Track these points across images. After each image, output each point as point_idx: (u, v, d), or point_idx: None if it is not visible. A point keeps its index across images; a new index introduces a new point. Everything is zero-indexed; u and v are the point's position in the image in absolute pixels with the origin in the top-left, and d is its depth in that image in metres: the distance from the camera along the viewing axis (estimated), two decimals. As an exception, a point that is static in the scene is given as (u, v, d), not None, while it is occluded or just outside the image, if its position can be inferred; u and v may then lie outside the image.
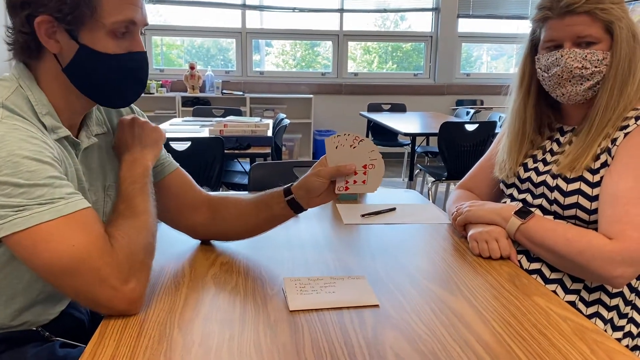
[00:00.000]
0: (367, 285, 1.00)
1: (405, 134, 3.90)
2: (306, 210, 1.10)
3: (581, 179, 1.19)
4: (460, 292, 0.99)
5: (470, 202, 1.32)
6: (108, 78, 0.93)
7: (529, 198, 1.30)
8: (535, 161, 1.32)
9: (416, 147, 4.05)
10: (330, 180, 1.05)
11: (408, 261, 1.14)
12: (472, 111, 5.05)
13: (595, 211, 1.16)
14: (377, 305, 0.93)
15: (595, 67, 1.18)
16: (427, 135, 4.92)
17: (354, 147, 1.04)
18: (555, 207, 1.22)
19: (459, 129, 3.52)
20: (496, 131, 3.59)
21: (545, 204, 1.25)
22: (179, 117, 5.52)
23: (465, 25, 6.52)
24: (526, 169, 1.32)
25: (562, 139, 1.30)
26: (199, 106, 4.94)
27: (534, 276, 1.17)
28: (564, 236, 1.11)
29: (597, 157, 1.19)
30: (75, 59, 0.90)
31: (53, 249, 0.80)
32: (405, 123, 4.33)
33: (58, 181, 0.82)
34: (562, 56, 1.19)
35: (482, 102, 6.44)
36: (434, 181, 3.74)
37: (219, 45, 6.47)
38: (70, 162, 0.94)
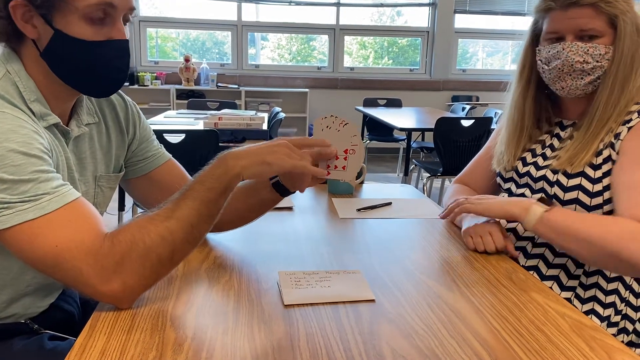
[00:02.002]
0: (363, 280, 0.99)
1: (401, 129, 3.89)
2: (293, 193, 1.09)
3: (582, 174, 1.18)
4: (457, 287, 0.98)
5: (476, 196, 1.28)
6: (85, 66, 0.89)
7: (527, 192, 1.28)
8: (534, 155, 1.30)
9: (412, 143, 4.04)
10: (312, 163, 1.03)
11: (404, 256, 1.13)
12: (467, 107, 5.04)
13: (594, 207, 1.15)
14: (373, 300, 0.91)
15: (597, 61, 1.15)
16: (422, 131, 4.92)
17: (339, 131, 1.01)
18: (555, 189, 1.21)
19: (454, 124, 3.51)
20: (492, 127, 3.58)
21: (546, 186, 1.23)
22: (173, 109, 5.49)
23: (462, 21, 6.51)
24: (525, 163, 1.30)
25: (562, 134, 1.28)
26: (193, 99, 4.91)
27: (531, 272, 1.16)
28: (596, 221, 1.06)
29: (599, 153, 1.17)
30: (50, 45, 0.87)
31: (37, 248, 0.78)
32: (400, 118, 4.32)
33: (44, 175, 0.80)
34: (563, 49, 1.16)
35: (477, 99, 6.44)
36: (429, 177, 3.73)
37: (214, 38, 6.43)
38: (60, 151, 0.92)
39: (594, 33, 1.15)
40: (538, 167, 1.27)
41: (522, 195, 1.29)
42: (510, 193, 1.34)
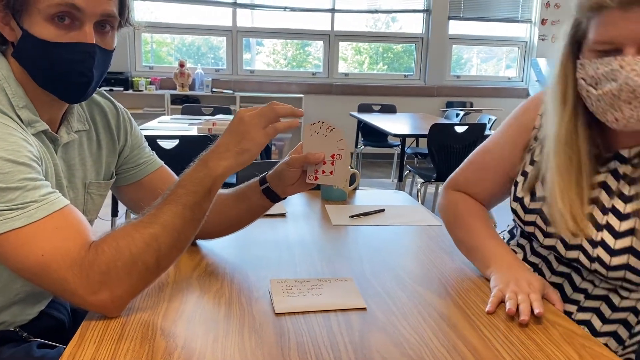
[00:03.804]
0: (355, 288, 0.99)
1: (395, 135, 3.90)
2: (283, 199, 1.09)
3: (633, 232, 0.92)
4: (449, 295, 0.98)
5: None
6: (47, 67, 0.88)
7: (582, 257, 1.00)
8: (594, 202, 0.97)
9: (406, 149, 4.05)
10: (301, 168, 1.04)
11: (396, 263, 1.13)
12: (461, 113, 5.06)
13: None
14: (364, 308, 0.91)
15: None
16: (417, 137, 4.92)
17: (326, 136, 1.02)
18: (596, 265, 0.96)
19: (448, 130, 3.52)
20: (486, 133, 3.58)
21: (598, 267, 0.97)
22: (167, 115, 5.48)
23: (456, 28, 6.54)
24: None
25: (621, 170, 0.96)
26: (188, 104, 4.90)
27: (582, 326, 0.96)
28: None
29: None
30: (18, 45, 0.87)
31: (23, 256, 0.77)
32: (395, 124, 4.33)
33: (32, 183, 0.79)
34: (621, 68, 0.83)
35: (471, 104, 6.47)
36: (423, 182, 3.74)
37: (209, 44, 6.43)
38: (48, 158, 0.91)
39: None
40: (598, 227, 0.97)
41: (576, 260, 1.00)
42: (555, 253, 1.05)
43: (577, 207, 0.94)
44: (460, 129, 3.52)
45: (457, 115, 5.06)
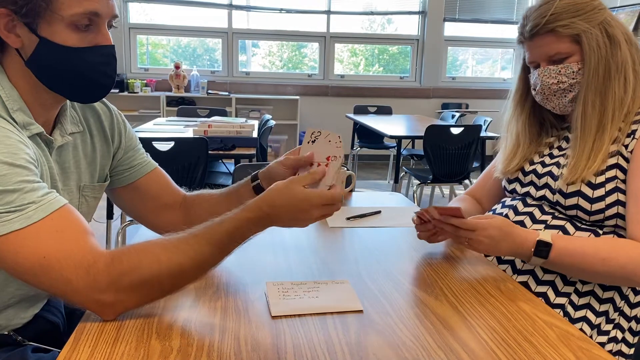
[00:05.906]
0: (351, 290, 0.98)
1: (391, 137, 3.89)
2: None
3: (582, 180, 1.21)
4: (445, 297, 0.98)
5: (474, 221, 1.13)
6: (72, 72, 0.89)
7: (532, 190, 1.31)
8: (541, 156, 1.34)
9: (402, 150, 4.05)
10: (292, 169, 1.05)
11: (393, 265, 1.13)
12: (457, 115, 5.07)
13: (596, 200, 1.17)
14: (361, 311, 0.91)
15: (572, 79, 1.21)
16: (412, 138, 4.94)
17: (328, 141, 1.01)
18: (557, 197, 1.23)
19: (444, 132, 3.53)
20: (481, 135, 3.60)
21: (548, 194, 1.26)
22: (163, 116, 5.47)
23: (452, 29, 6.56)
24: (532, 163, 1.34)
25: (570, 136, 1.31)
26: (183, 106, 4.89)
27: (527, 276, 1.19)
28: (597, 257, 1.09)
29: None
30: (36, 53, 0.87)
31: (23, 259, 0.77)
32: (391, 126, 4.33)
33: (30, 185, 0.79)
34: (539, 75, 1.24)
35: (467, 106, 6.48)
36: (419, 184, 3.74)
37: (205, 45, 6.42)
38: (43, 161, 0.91)
39: (561, 56, 1.21)
40: (545, 165, 1.31)
41: (527, 193, 1.32)
42: (515, 193, 1.36)
43: (507, 165, 1.37)
44: (455, 131, 3.52)
45: (453, 116, 5.07)
